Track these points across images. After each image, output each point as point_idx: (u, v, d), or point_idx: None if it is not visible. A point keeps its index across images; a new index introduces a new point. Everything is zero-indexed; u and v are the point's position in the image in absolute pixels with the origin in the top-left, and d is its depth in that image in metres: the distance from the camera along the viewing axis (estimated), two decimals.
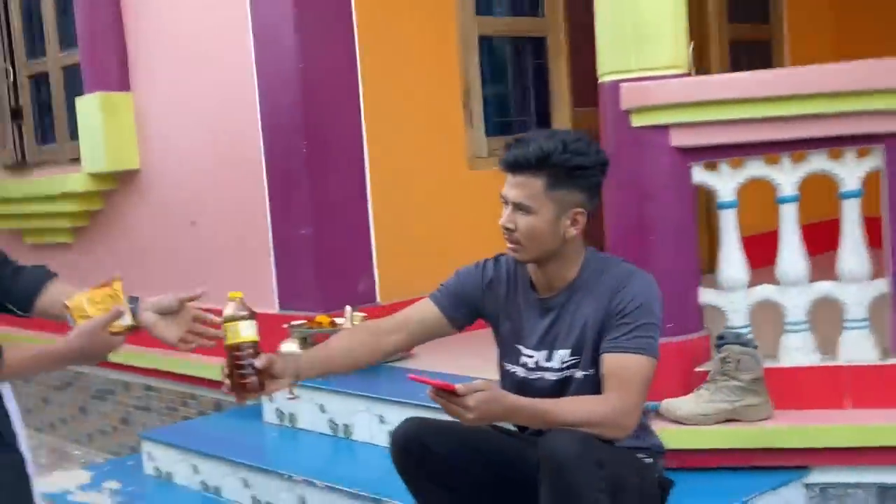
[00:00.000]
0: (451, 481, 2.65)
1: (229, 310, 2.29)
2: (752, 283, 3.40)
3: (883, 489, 3.17)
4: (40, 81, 6.19)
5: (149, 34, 5.29)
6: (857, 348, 3.27)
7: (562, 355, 2.62)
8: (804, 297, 3.33)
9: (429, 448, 2.61)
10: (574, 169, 2.51)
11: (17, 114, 6.34)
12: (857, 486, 3.19)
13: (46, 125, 6.23)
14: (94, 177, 5.48)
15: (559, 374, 2.62)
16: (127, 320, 2.21)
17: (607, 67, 3.36)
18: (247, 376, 2.31)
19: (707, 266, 3.72)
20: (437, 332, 2.80)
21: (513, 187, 2.54)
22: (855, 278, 3.26)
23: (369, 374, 4.14)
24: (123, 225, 5.63)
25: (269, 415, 4.30)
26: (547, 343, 2.65)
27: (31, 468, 2.26)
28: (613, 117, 3.36)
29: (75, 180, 5.60)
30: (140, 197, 5.49)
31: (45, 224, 6.16)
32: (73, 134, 5.73)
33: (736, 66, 5.86)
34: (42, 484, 4.33)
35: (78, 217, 5.83)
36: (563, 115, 5.32)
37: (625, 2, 3.30)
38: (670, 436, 3.16)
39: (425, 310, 2.78)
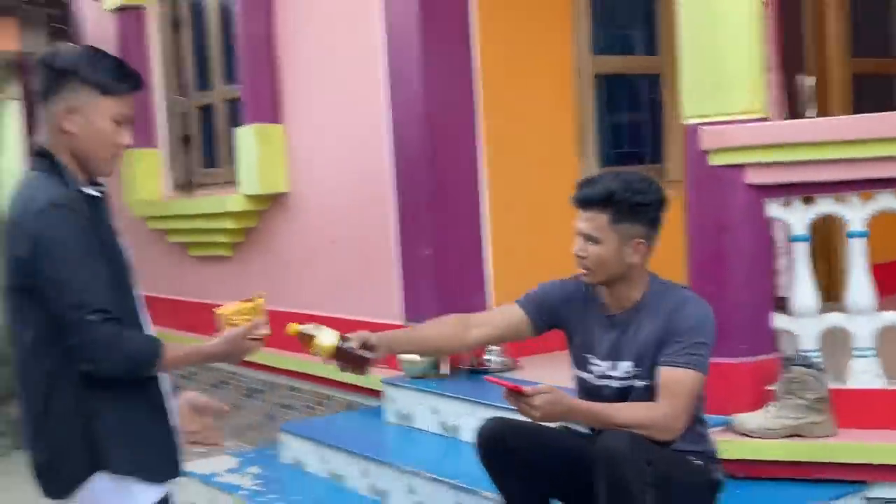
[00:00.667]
0: (528, 473, 2.94)
1: (303, 331, 2.77)
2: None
3: None
4: (207, 112, 6.60)
5: (299, 74, 5.62)
6: None
7: (625, 366, 2.91)
8: (871, 324, 3.46)
9: (508, 445, 2.91)
10: (635, 206, 2.83)
11: (186, 140, 6.81)
12: None
13: (210, 151, 6.62)
14: (249, 198, 5.84)
15: (622, 382, 2.91)
16: (264, 331, 2.56)
17: (690, 111, 3.59)
18: (352, 364, 2.81)
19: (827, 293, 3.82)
20: (518, 333, 3.14)
21: (583, 221, 2.88)
22: None
23: (475, 382, 4.52)
24: (273, 241, 5.98)
25: (389, 415, 4.66)
26: (613, 355, 2.94)
27: (179, 439, 2.56)
28: (694, 156, 3.58)
29: (233, 201, 5.96)
30: (287, 217, 5.81)
31: (207, 238, 6.53)
32: (232, 159, 6.06)
33: (859, 99, 5.83)
34: (194, 466, 4.89)
35: (235, 233, 6.21)
36: (676, 148, 5.40)
37: (705, 53, 3.53)
38: (740, 447, 3.40)
39: (512, 312, 3.11)
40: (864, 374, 3.48)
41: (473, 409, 4.18)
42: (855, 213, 3.50)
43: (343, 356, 2.80)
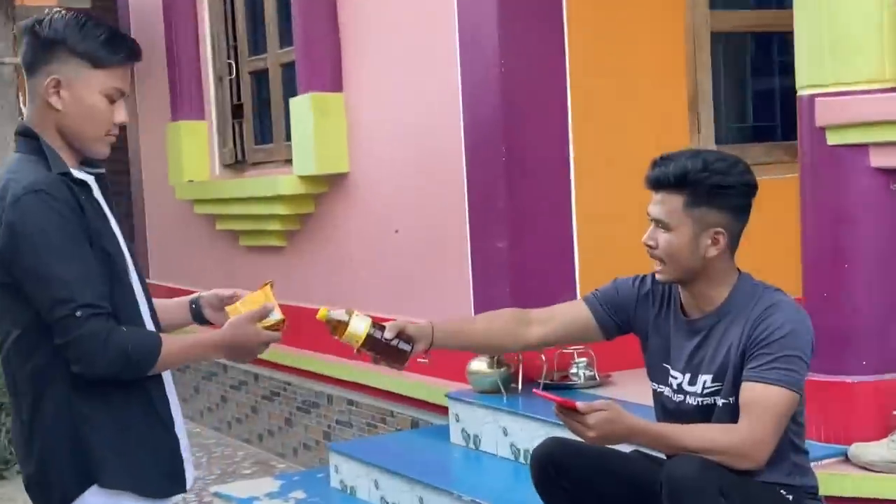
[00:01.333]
0: (584, 499, 3.02)
1: (333, 317, 2.83)
2: None
3: None
4: (261, 78, 6.77)
5: (362, 35, 5.72)
6: None
7: (704, 380, 2.93)
8: None
9: (564, 467, 2.99)
10: (713, 188, 2.85)
11: (238, 111, 6.97)
12: None
13: (265, 124, 6.79)
14: (304, 179, 5.97)
15: (701, 399, 2.93)
16: (276, 315, 2.62)
17: (804, 80, 3.61)
18: (386, 356, 2.89)
19: None
20: (585, 335, 3.22)
21: (654, 204, 2.93)
22: None
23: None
24: (332, 230, 6.11)
25: (455, 435, 4.74)
26: (692, 367, 2.96)
27: (186, 452, 2.64)
28: (809, 134, 3.60)
29: (286, 182, 6.07)
30: (348, 202, 5.94)
31: (258, 226, 6.70)
32: (289, 134, 6.22)
33: None
34: (231, 488, 5.10)
35: (289, 220, 6.34)
36: None
37: (823, 10, 3.54)
38: (857, 483, 3.42)
39: (577, 310, 3.17)
40: None
41: (549, 431, 4.17)
42: None
43: (376, 347, 2.86)
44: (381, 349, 2.87)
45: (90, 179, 2.53)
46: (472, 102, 4.94)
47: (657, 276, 3.01)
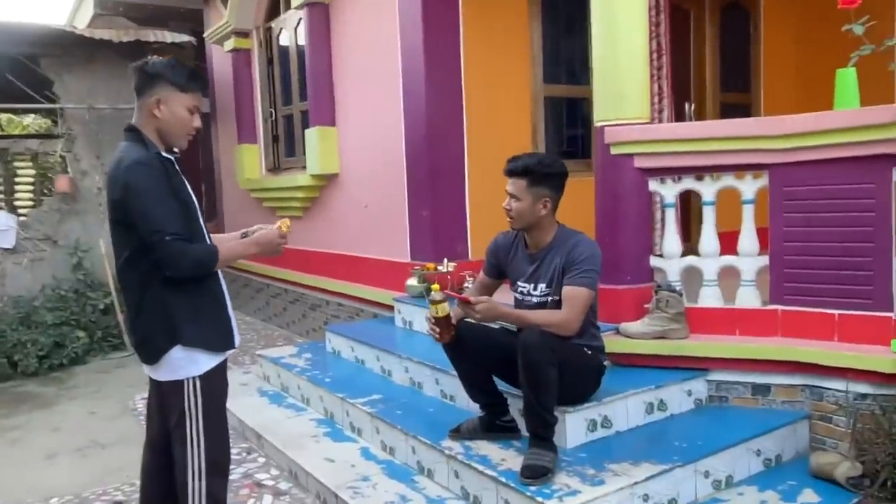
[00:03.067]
0: (477, 359, 2.92)
1: (437, 296, 2.75)
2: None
3: (755, 386, 3.24)
4: (289, 119, 6.53)
5: (346, 93, 5.52)
6: (747, 299, 3.33)
7: (541, 288, 2.87)
8: (715, 265, 3.41)
9: (463, 337, 2.89)
10: (545, 175, 2.78)
11: (276, 139, 6.75)
12: (739, 383, 3.27)
13: (290, 145, 6.57)
14: (313, 177, 5.79)
15: (539, 297, 2.87)
16: (286, 229, 2.42)
17: (599, 116, 3.51)
18: (443, 330, 2.83)
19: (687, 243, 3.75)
20: (495, 286, 3.10)
21: (509, 185, 2.84)
22: (748, 254, 3.32)
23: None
24: (328, 206, 5.90)
25: (398, 321, 4.63)
26: (534, 279, 2.90)
27: (234, 324, 2.44)
28: (601, 148, 3.51)
29: (303, 179, 5.90)
30: (338, 190, 5.75)
31: (287, 204, 6.45)
32: (303, 150, 6.02)
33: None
34: (266, 352, 4.90)
35: (304, 200, 6.14)
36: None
37: (607, 77, 3.44)
38: (624, 345, 3.36)
39: (486, 279, 3.09)
40: (709, 298, 3.44)
41: None
42: (707, 189, 3.44)
43: (444, 323, 2.80)
44: (445, 325, 2.82)
45: (172, 158, 2.37)
46: (410, 132, 4.80)
47: (511, 226, 2.92)
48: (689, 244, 3.91)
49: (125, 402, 4.85)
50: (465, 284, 4.58)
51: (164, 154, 2.33)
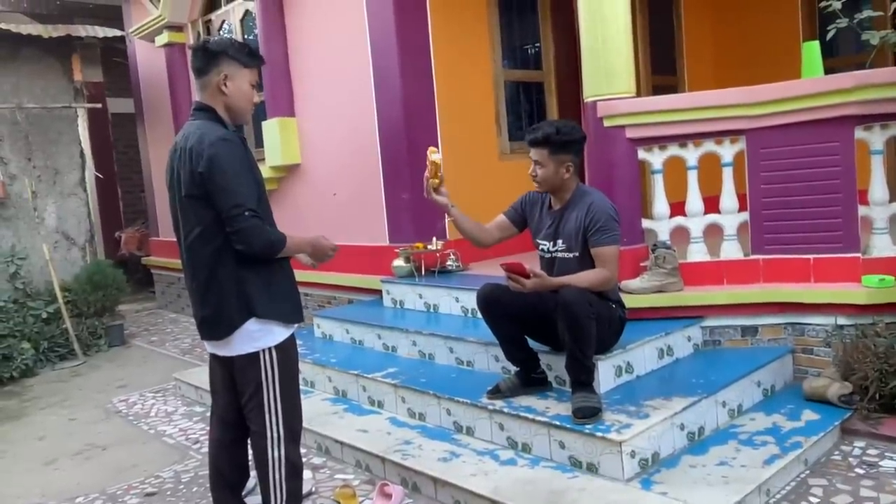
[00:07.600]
0: (513, 318, 3.06)
1: (436, 157, 2.93)
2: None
3: (744, 328, 3.58)
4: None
5: (305, 83, 5.51)
6: (730, 251, 3.65)
7: (559, 244, 3.06)
8: (701, 223, 3.72)
9: (501, 300, 3.03)
10: (565, 143, 2.97)
11: (238, 129, 6.60)
12: (729, 326, 3.59)
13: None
14: (273, 168, 5.72)
15: (561, 253, 3.05)
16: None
17: (590, 92, 3.71)
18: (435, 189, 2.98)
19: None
20: (510, 232, 3.23)
21: (533, 153, 3.01)
22: (729, 212, 3.64)
23: (444, 277, 4.54)
24: (290, 197, 5.85)
25: (387, 302, 4.69)
26: (552, 236, 3.08)
27: (301, 298, 2.51)
28: (593, 122, 3.72)
29: (264, 170, 5.71)
30: (300, 180, 5.72)
31: None
32: (260, 142, 5.93)
33: None
34: None
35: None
36: None
37: (598, 56, 3.66)
38: (627, 300, 3.57)
39: (502, 220, 3.23)
40: (697, 253, 3.74)
41: (448, 292, 4.30)
42: (690, 155, 3.73)
43: (435, 168, 2.98)
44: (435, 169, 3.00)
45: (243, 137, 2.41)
46: (384, 117, 4.86)
47: (537, 189, 3.10)
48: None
49: (103, 406, 4.66)
50: (448, 263, 4.73)
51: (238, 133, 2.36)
